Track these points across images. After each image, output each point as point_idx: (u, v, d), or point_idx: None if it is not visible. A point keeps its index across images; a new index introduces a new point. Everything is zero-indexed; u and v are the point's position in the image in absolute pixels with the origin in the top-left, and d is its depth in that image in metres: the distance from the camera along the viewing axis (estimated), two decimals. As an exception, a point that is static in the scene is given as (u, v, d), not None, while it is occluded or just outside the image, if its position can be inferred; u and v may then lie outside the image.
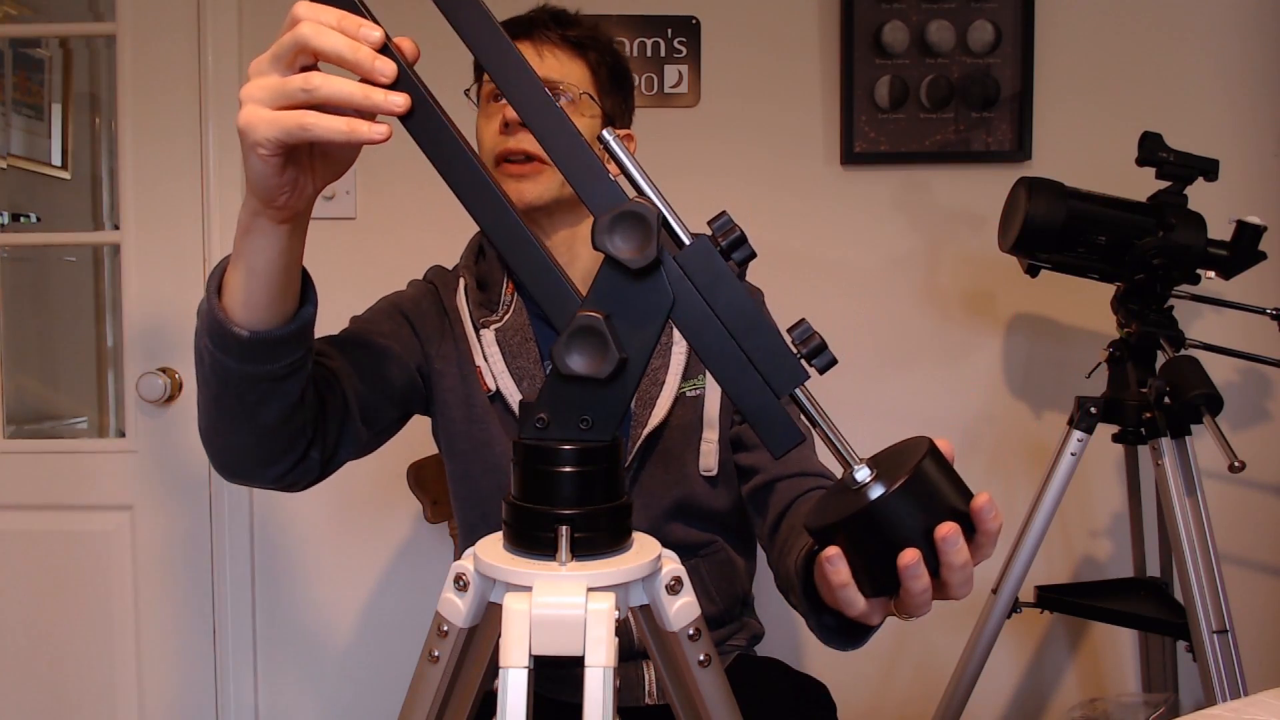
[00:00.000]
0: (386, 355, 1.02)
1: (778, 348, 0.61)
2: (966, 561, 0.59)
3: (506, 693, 0.54)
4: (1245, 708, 0.78)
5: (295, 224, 0.70)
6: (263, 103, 0.60)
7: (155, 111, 1.74)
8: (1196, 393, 1.31)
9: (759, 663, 1.22)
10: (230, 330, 0.72)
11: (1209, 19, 1.77)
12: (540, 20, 1.09)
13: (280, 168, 0.63)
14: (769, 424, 0.61)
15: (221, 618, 1.81)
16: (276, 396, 0.77)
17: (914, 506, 0.58)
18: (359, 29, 0.59)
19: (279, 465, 0.84)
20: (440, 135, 0.60)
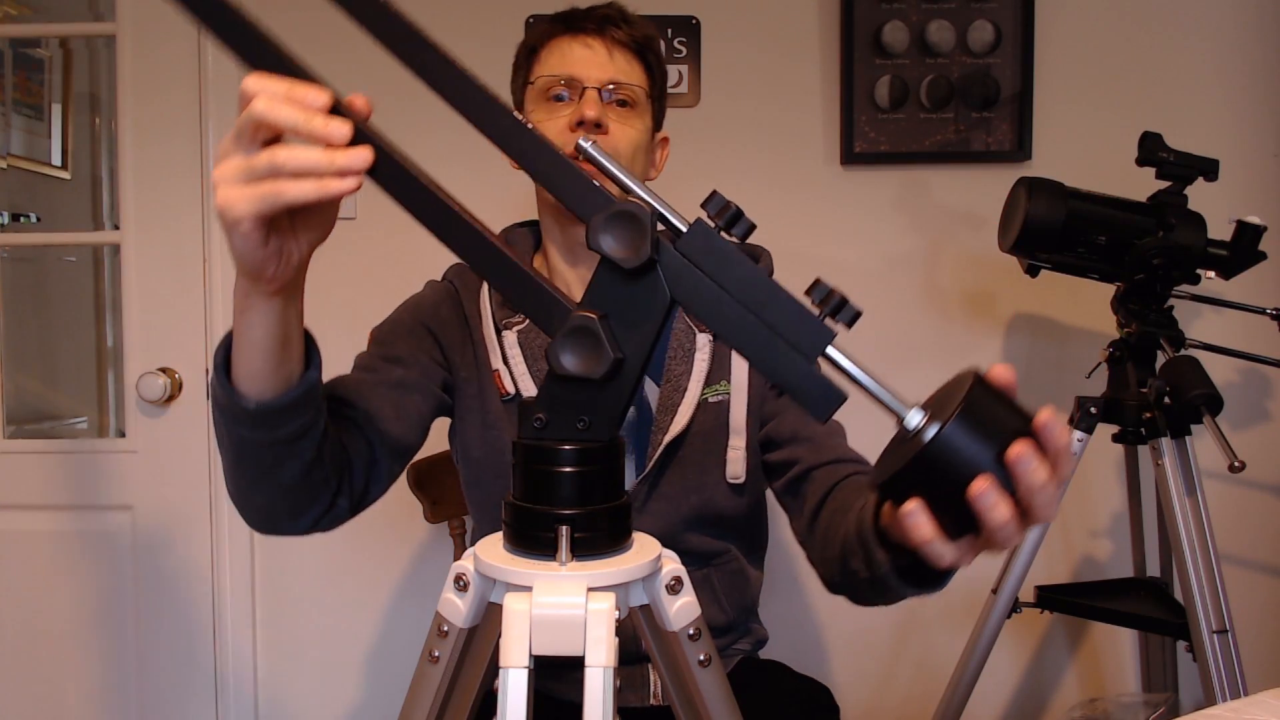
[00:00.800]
0: (407, 388, 1.01)
1: (799, 312, 0.60)
2: (1046, 481, 0.56)
3: (506, 693, 0.54)
4: (1245, 708, 0.78)
5: (288, 294, 0.71)
6: (234, 182, 0.61)
7: (155, 111, 1.74)
8: (1196, 393, 1.31)
9: (763, 665, 1.22)
10: (237, 402, 0.74)
11: (1209, 19, 1.77)
12: (612, 19, 1.08)
13: (263, 240, 0.64)
14: (807, 391, 0.60)
15: (221, 617, 1.81)
16: (292, 457, 0.79)
17: (975, 436, 0.56)
18: (307, 96, 0.60)
19: (306, 517, 0.86)
20: (406, 181, 0.61)
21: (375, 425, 0.94)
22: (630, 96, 1.07)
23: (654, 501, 1.08)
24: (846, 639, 1.84)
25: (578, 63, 1.06)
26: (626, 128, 1.06)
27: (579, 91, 1.05)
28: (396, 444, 0.96)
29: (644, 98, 1.09)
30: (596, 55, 1.06)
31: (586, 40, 1.07)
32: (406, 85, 0.62)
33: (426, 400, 1.03)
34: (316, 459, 0.81)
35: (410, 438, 0.99)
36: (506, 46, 1.77)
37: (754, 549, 1.19)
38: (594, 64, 1.06)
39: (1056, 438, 0.57)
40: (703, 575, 1.12)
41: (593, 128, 1.04)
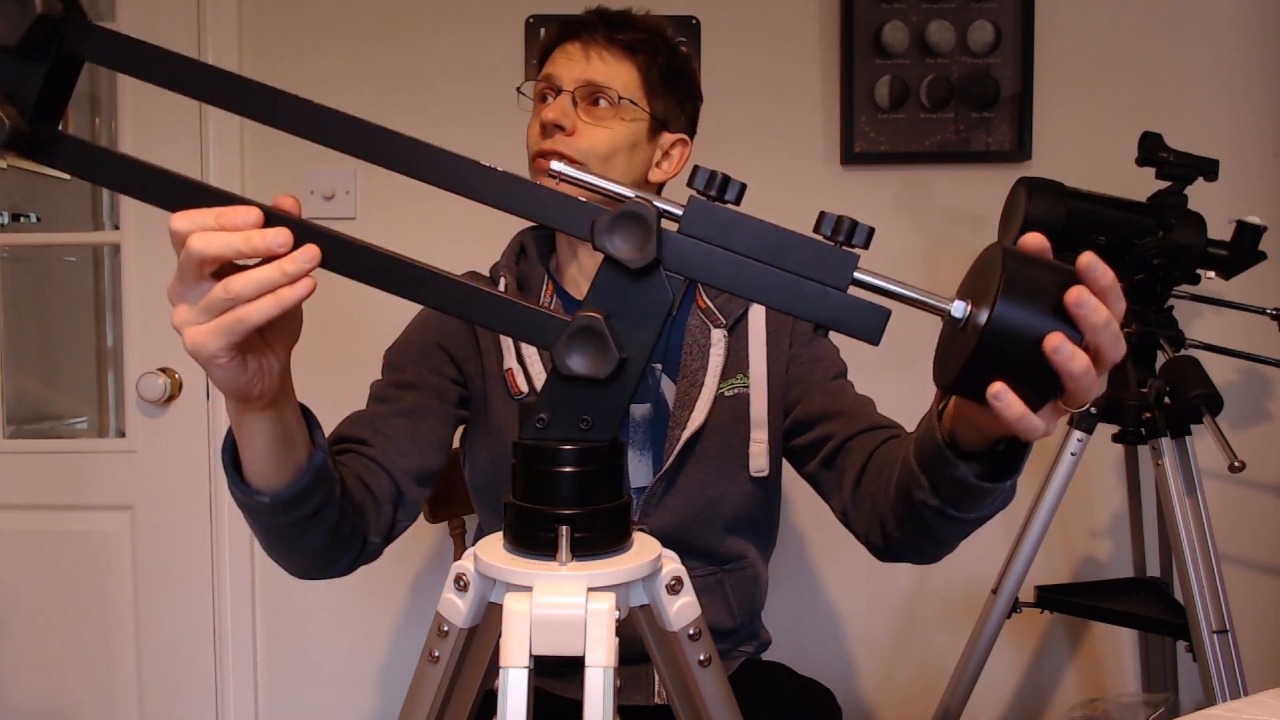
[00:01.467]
0: (422, 414, 1.03)
1: (816, 249, 0.60)
2: (1108, 317, 0.57)
3: (507, 693, 0.54)
4: (1245, 708, 0.78)
5: (279, 403, 0.72)
6: (196, 322, 0.62)
7: (155, 111, 1.74)
8: (1196, 393, 1.31)
9: (766, 667, 1.22)
10: (253, 498, 0.76)
11: (1209, 19, 1.77)
12: (589, 22, 1.09)
13: (242, 366, 0.65)
14: (852, 319, 0.60)
15: (221, 618, 1.81)
16: (315, 525, 0.82)
17: (1027, 301, 0.56)
18: (237, 218, 0.60)
19: (342, 563, 0.91)
20: (359, 258, 0.61)
21: (395, 460, 0.96)
22: (606, 98, 1.07)
23: (672, 497, 1.08)
24: (847, 639, 1.84)
25: (556, 66, 1.08)
26: (598, 129, 1.06)
27: (556, 93, 1.08)
28: (419, 473, 0.99)
29: (626, 103, 1.08)
30: (572, 58, 1.08)
31: (568, 46, 1.09)
32: (401, 89, 0.62)
33: (442, 422, 1.05)
34: (339, 520, 0.84)
35: (431, 463, 1.02)
36: (506, 46, 1.78)
37: (767, 550, 1.19)
38: (568, 66, 1.08)
39: (1102, 275, 0.57)
40: (716, 580, 1.12)
41: (553, 129, 1.05)
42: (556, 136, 1.05)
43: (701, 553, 1.10)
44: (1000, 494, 0.76)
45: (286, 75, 1.74)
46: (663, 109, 1.12)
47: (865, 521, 0.96)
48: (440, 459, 1.04)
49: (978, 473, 0.73)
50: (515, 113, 1.78)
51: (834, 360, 1.14)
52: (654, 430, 1.10)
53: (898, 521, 0.87)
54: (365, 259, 0.61)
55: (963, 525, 0.80)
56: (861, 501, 0.97)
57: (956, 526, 0.80)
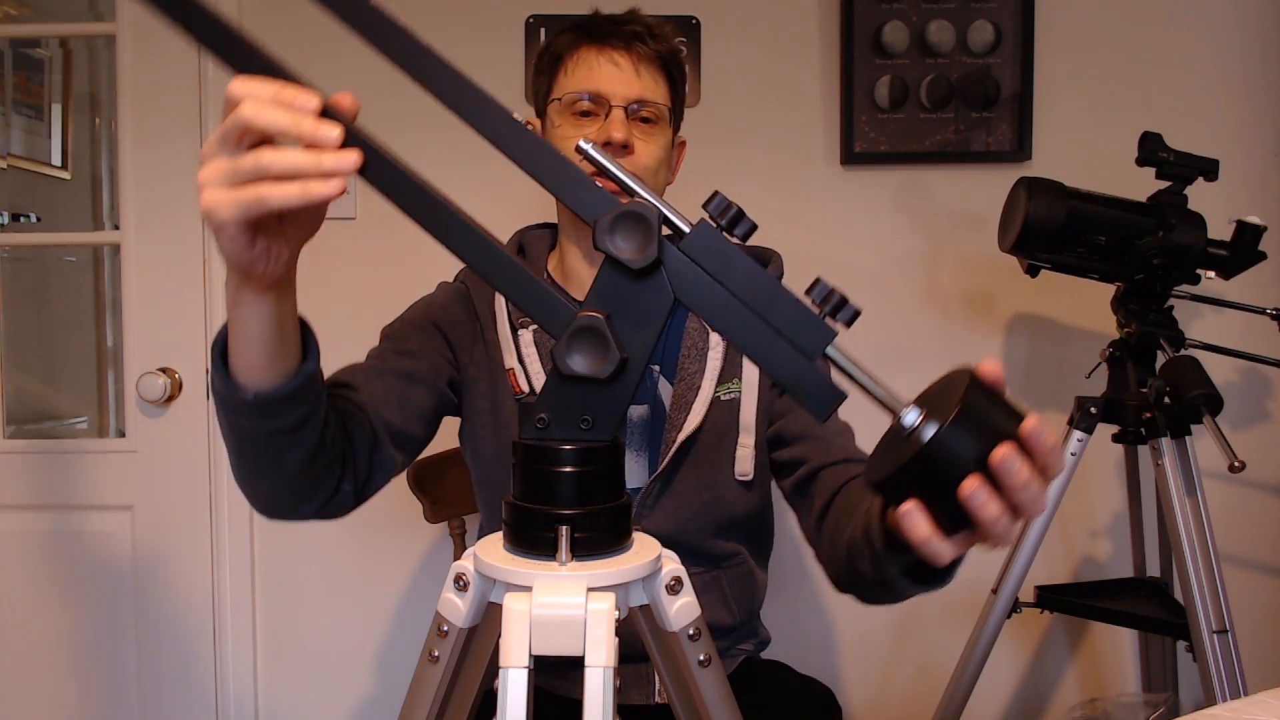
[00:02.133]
0: (414, 379, 1.02)
1: (800, 312, 0.60)
2: (1028, 480, 0.58)
3: (506, 693, 0.54)
4: (1245, 708, 0.78)
5: (279, 289, 0.71)
6: (219, 185, 0.61)
7: (155, 112, 1.74)
8: (1196, 393, 1.31)
9: (765, 666, 1.22)
10: (236, 393, 0.74)
11: (1209, 19, 1.77)
12: (639, 34, 1.07)
13: (250, 242, 0.65)
14: (809, 389, 0.61)
15: (221, 618, 1.81)
16: (294, 446, 0.79)
17: (970, 436, 0.57)
18: (295, 99, 0.59)
19: (312, 503, 0.87)
20: (398, 181, 0.61)
21: (379, 411, 0.94)
22: (655, 114, 1.07)
23: (667, 499, 1.08)
24: (847, 639, 1.84)
25: (605, 80, 1.05)
26: (651, 145, 1.07)
27: (605, 109, 1.05)
28: (399, 433, 0.96)
29: (667, 114, 1.09)
30: (623, 72, 1.06)
31: (614, 56, 1.06)
32: (406, 88, 0.62)
33: (431, 395, 1.04)
34: (319, 446, 0.81)
35: (412, 429, 1.00)
36: (507, 46, 1.78)
37: (762, 550, 1.20)
38: (620, 81, 1.05)
39: (1041, 442, 0.58)
40: (712, 577, 1.12)
41: (619, 150, 1.03)
42: (620, 156, 1.04)
43: (696, 553, 1.10)
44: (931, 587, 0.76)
45: (286, 75, 1.73)
46: (679, 118, 1.14)
47: (823, 553, 0.98)
48: (422, 430, 1.02)
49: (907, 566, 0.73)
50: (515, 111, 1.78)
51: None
52: (650, 431, 1.10)
53: (846, 568, 0.88)
54: (405, 184, 0.61)
55: (900, 597, 0.80)
56: (822, 535, 0.98)
57: (894, 597, 0.81)
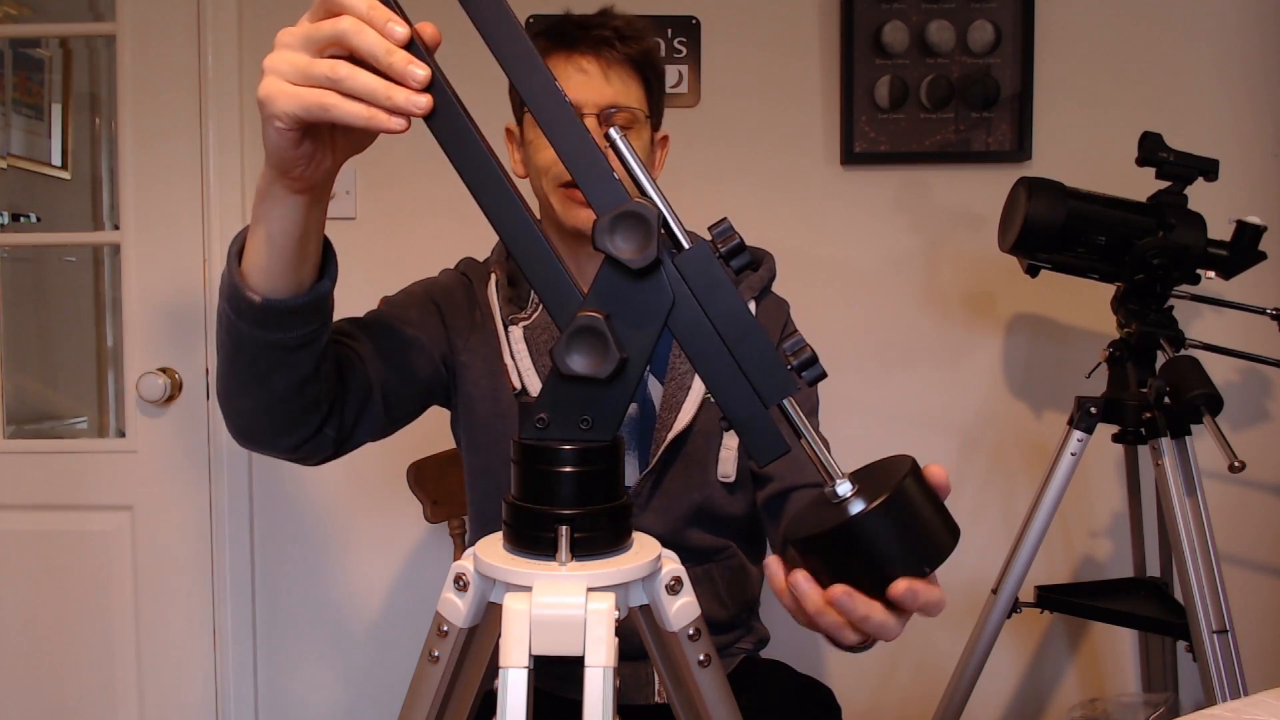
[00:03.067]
0: (413, 344, 1.02)
1: (770, 358, 0.61)
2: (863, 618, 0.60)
3: (506, 693, 0.54)
4: (1245, 708, 0.78)
5: (313, 196, 0.70)
6: (286, 77, 0.60)
7: (155, 111, 1.74)
8: (1196, 393, 1.30)
9: (765, 665, 1.22)
10: (244, 295, 0.73)
11: (1208, 19, 1.77)
12: (608, 40, 1.05)
13: (296, 141, 0.63)
14: (755, 433, 0.61)
15: (221, 618, 1.81)
16: (288, 366, 0.77)
17: (889, 528, 0.58)
18: (386, 23, 0.58)
19: (292, 436, 0.84)
20: (460, 134, 0.60)
21: (377, 367, 0.93)
22: (629, 119, 1.06)
23: (657, 498, 1.08)
24: (846, 639, 1.84)
25: (574, 89, 1.04)
26: None
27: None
28: (392, 391, 0.95)
29: (642, 117, 1.08)
30: (592, 80, 1.05)
31: (581, 63, 1.05)
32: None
33: (428, 365, 1.03)
34: (313, 374, 0.79)
35: (405, 392, 0.98)
36: (506, 46, 1.78)
37: (754, 545, 1.20)
38: (590, 89, 1.04)
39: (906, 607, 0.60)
40: (703, 571, 1.13)
41: None
42: None
43: (687, 550, 1.10)
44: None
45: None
46: (657, 116, 1.13)
47: None
48: (413, 399, 1.01)
49: None
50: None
51: (808, 394, 1.14)
52: (640, 430, 1.10)
53: None
54: (464, 139, 0.60)
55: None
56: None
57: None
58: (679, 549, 1.08)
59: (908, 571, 0.59)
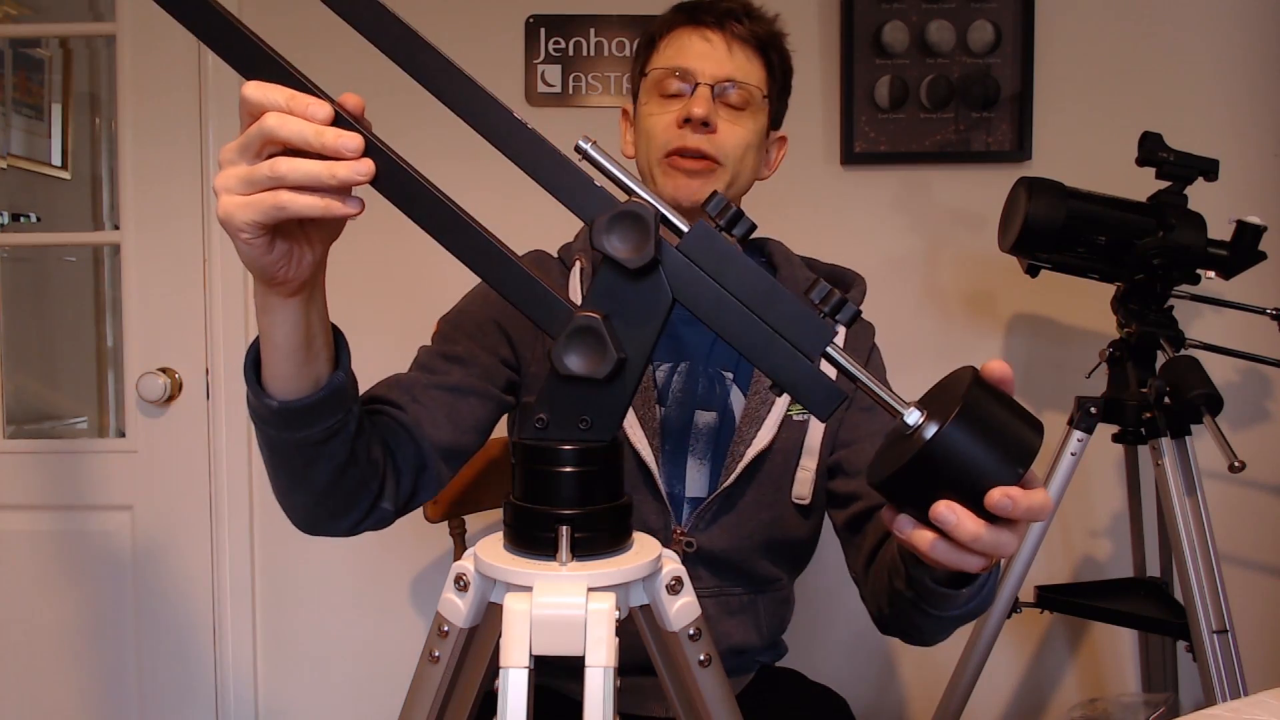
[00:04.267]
0: (462, 392, 0.97)
1: (800, 312, 0.60)
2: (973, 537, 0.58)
3: (507, 693, 0.54)
4: (1245, 708, 0.78)
5: (306, 294, 0.70)
6: (236, 190, 0.61)
7: (155, 111, 1.74)
8: (1196, 393, 1.30)
9: (780, 674, 1.21)
10: (263, 402, 0.74)
11: (1208, 19, 1.77)
12: (735, 13, 1.03)
13: (268, 247, 0.64)
14: (810, 390, 0.60)
15: (221, 618, 1.81)
16: (323, 458, 0.78)
17: (972, 438, 0.56)
18: (307, 108, 0.59)
19: (346, 520, 0.86)
20: (407, 186, 0.61)
21: (427, 431, 0.92)
22: (744, 97, 1.03)
23: (728, 515, 1.04)
24: (847, 639, 1.84)
25: (694, 56, 1.02)
26: (736, 128, 1.03)
27: (692, 86, 1.02)
28: (449, 449, 0.94)
29: (759, 98, 1.05)
30: (715, 50, 1.03)
31: (706, 33, 1.03)
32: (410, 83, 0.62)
33: (484, 404, 0.99)
34: (350, 460, 0.80)
35: (464, 442, 0.97)
36: (507, 46, 1.78)
37: (798, 574, 1.17)
38: (711, 58, 1.02)
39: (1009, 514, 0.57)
40: (750, 599, 1.09)
41: (699, 126, 1.00)
42: (701, 133, 1.01)
43: (743, 574, 1.07)
44: (966, 600, 0.75)
45: (286, 75, 1.73)
46: (777, 106, 1.10)
47: (870, 594, 0.95)
48: (475, 441, 0.99)
49: (940, 577, 0.73)
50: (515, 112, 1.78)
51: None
52: (717, 442, 1.06)
53: (889, 601, 0.87)
54: (412, 190, 0.60)
55: (938, 622, 0.79)
56: (870, 576, 0.95)
57: (932, 622, 0.80)
58: (734, 570, 1.06)
59: (1001, 480, 0.57)
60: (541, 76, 1.76)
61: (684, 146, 1.01)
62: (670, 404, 1.07)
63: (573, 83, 1.76)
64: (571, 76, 1.76)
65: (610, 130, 1.16)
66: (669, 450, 1.06)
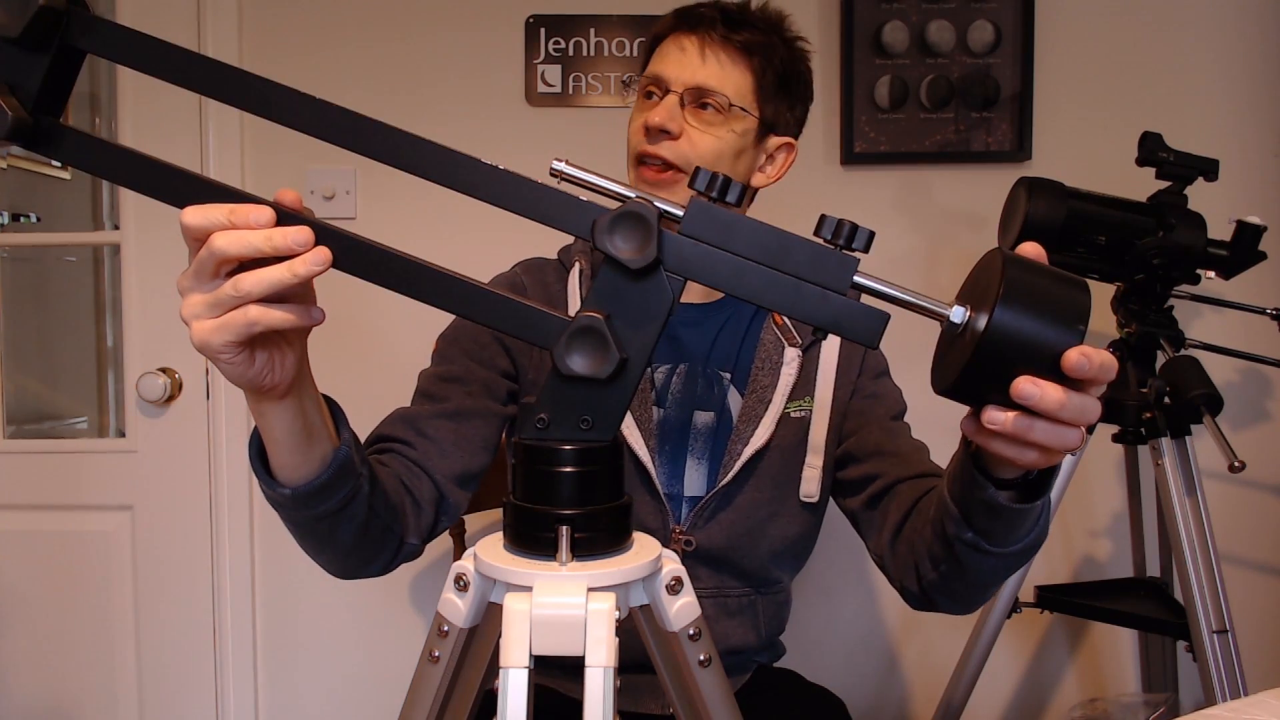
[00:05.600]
0: (464, 415, 0.99)
1: (817, 252, 0.60)
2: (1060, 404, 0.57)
3: (507, 693, 0.54)
4: (1245, 708, 0.78)
5: (297, 391, 0.71)
6: (205, 316, 0.61)
7: (155, 111, 1.74)
8: (1196, 393, 1.31)
9: (778, 674, 1.21)
10: (277, 491, 0.76)
11: (1209, 19, 1.77)
12: (708, 18, 1.03)
13: (250, 360, 0.65)
14: (851, 323, 0.60)
15: (221, 618, 1.81)
16: (344, 521, 0.80)
17: (1026, 309, 0.56)
18: (249, 217, 0.59)
19: (378, 563, 0.90)
20: (364, 256, 0.61)
21: (436, 463, 0.95)
22: (716, 104, 1.02)
23: (725, 512, 1.05)
24: (847, 639, 1.84)
25: (669, 63, 1.03)
26: (705, 135, 1.02)
27: (663, 93, 1.03)
28: (461, 475, 0.97)
29: (732, 106, 1.03)
30: (687, 57, 1.02)
31: (683, 40, 1.03)
32: (401, 87, 0.62)
33: (488, 423, 1.01)
34: (370, 515, 0.82)
35: (475, 464, 0.99)
36: (507, 46, 1.78)
37: (797, 573, 1.17)
38: (683, 66, 1.02)
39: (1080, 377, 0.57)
40: (750, 600, 1.10)
41: (659, 134, 1.01)
42: (661, 140, 1.01)
43: (742, 573, 1.08)
44: (1031, 520, 0.75)
45: (286, 72, 1.73)
46: (772, 113, 1.07)
47: (901, 568, 0.94)
48: (486, 459, 1.01)
49: (1008, 498, 0.72)
50: (515, 111, 1.78)
51: (896, 400, 1.11)
52: (715, 441, 1.07)
53: (934, 564, 0.86)
54: (371, 258, 0.61)
55: (999, 561, 0.78)
56: (899, 548, 0.94)
57: (992, 563, 0.78)
58: (734, 569, 1.07)
59: (1069, 342, 0.56)
60: (541, 76, 1.76)
61: (645, 152, 1.02)
62: (669, 405, 1.07)
63: (573, 83, 1.76)
64: (571, 76, 1.76)
65: (609, 130, 1.16)
66: (668, 451, 1.06)
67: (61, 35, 0.61)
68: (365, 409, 0.96)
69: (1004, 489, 0.72)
